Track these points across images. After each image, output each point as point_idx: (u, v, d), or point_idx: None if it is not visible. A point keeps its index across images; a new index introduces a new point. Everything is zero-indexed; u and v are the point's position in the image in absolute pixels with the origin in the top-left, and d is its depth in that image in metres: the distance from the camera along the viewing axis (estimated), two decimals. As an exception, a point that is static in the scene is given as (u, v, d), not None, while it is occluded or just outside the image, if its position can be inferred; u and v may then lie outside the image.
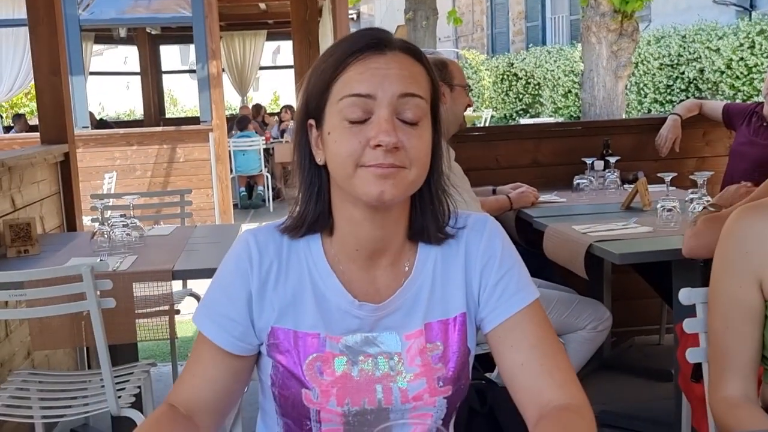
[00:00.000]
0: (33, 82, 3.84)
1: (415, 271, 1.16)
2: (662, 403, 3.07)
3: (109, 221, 2.79)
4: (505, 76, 17.67)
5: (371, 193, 1.04)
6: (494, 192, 3.20)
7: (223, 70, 9.90)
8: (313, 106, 1.09)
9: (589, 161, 3.48)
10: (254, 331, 1.14)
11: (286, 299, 1.13)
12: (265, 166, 9.72)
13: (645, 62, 13.06)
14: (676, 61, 12.55)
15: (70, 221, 3.75)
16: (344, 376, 1.13)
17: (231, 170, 8.74)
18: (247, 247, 1.14)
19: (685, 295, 1.53)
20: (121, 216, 2.83)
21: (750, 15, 12.71)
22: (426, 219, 1.14)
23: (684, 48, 12.38)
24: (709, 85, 11.82)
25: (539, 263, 3.00)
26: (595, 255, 2.55)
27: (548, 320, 1.17)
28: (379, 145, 1.02)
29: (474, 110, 17.41)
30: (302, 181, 1.12)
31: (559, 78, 15.59)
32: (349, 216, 1.11)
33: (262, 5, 11.22)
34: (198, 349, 1.15)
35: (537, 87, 16.70)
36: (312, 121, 1.10)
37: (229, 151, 8.67)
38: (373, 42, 1.06)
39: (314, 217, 1.12)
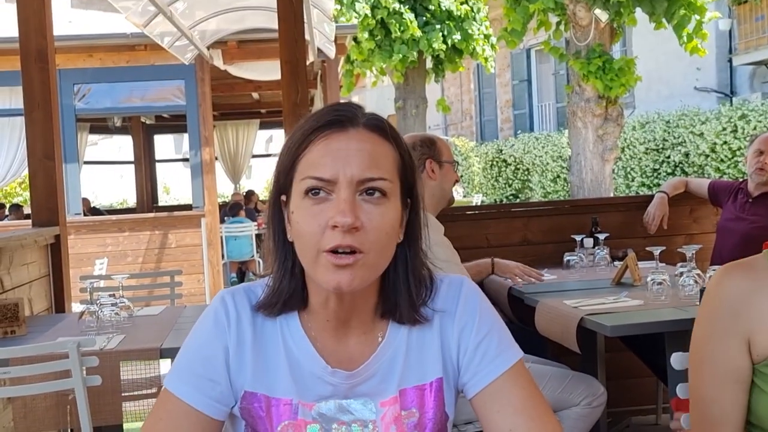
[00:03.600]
0: (27, 170, 3.88)
1: (388, 338, 1.13)
2: (662, 484, 2.99)
3: (98, 301, 2.77)
4: (495, 162, 17.96)
5: (330, 283, 1.03)
6: (492, 264, 3.21)
7: (216, 159, 10.04)
8: (282, 183, 1.09)
9: (578, 238, 3.50)
10: (231, 390, 1.11)
11: (260, 363, 1.11)
12: (257, 252, 9.72)
13: (631, 147, 13.33)
14: (661, 146, 12.82)
15: (59, 304, 3.72)
16: None
17: (222, 256, 8.73)
18: (224, 304, 1.12)
19: (678, 360, 1.52)
20: (110, 295, 2.81)
21: (731, 101, 13.08)
22: (399, 298, 1.11)
23: (669, 133, 12.66)
24: (695, 168, 12.04)
25: (533, 340, 2.97)
26: (588, 333, 2.53)
27: (533, 380, 1.14)
28: (336, 226, 1.01)
29: (464, 196, 17.62)
30: (276, 257, 1.11)
31: (547, 163, 15.85)
32: (317, 291, 1.10)
33: (255, 95, 11.47)
34: (172, 419, 1.08)
35: (526, 172, 16.95)
36: (284, 197, 1.09)
37: (221, 237, 8.70)
38: (336, 119, 1.05)
39: (288, 294, 1.10)
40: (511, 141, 18.22)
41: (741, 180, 3.62)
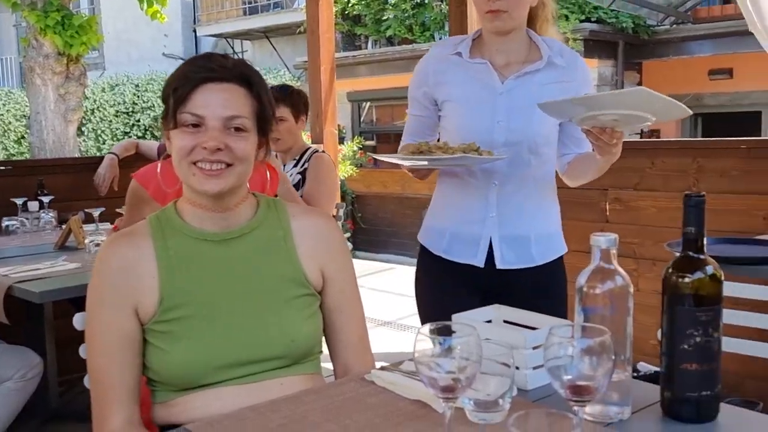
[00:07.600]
0: None
1: None
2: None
3: None
4: (-54, 120, 15.87)
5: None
6: None
7: None
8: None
9: (20, 202, 3.29)
10: None
11: None
12: None
13: (101, 109, 13.10)
14: (131, 109, 12.88)
15: None
16: None
17: None
18: None
19: (79, 321, 1.51)
20: None
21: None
22: None
23: (138, 96, 12.78)
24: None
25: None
26: (31, 302, 2.38)
27: None
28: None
29: None
30: None
31: (9, 122, 14.64)
32: None
33: None
34: None
35: (-14, 132, 15.38)
36: None
37: None
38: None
39: None
40: (-33, 96, 16.28)
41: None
